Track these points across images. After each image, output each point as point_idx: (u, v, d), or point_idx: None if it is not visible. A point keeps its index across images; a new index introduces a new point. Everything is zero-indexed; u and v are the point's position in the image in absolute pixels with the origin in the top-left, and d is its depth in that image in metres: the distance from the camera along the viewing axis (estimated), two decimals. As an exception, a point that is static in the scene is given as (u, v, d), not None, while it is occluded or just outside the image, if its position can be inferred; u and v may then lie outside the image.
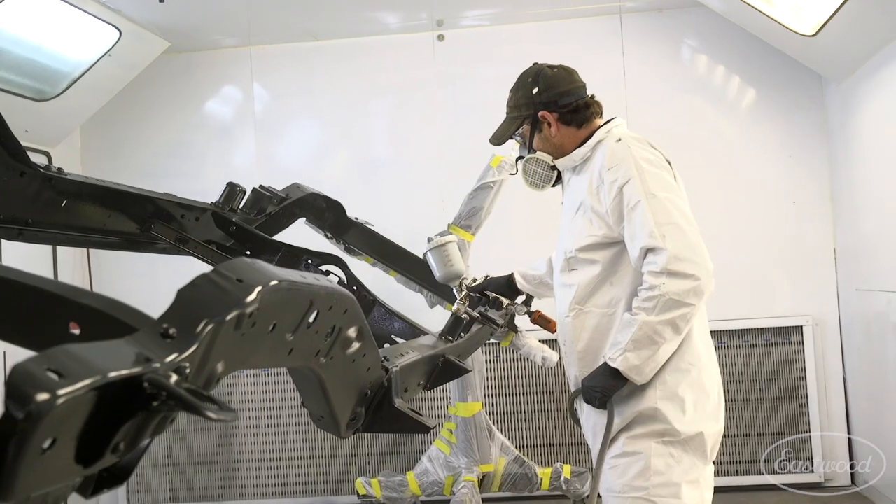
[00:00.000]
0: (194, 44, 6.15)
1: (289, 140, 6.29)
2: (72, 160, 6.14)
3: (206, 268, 3.23)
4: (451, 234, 4.46)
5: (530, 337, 4.00)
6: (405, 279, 4.42)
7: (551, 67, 3.12)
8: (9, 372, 0.72)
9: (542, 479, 4.94)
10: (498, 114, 6.02)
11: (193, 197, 3.34)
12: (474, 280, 3.58)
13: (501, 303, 3.54)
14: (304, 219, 4.00)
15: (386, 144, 6.25)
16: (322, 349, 1.32)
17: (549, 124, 3.06)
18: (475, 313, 3.18)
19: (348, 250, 4.16)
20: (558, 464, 5.04)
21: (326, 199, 3.95)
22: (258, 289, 1.03)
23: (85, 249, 6.06)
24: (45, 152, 5.72)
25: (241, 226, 3.23)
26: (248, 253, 3.16)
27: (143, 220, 2.81)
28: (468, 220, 4.60)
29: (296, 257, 3.17)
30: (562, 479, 4.94)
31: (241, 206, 3.49)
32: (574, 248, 2.95)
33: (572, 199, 3.05)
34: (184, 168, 6.20)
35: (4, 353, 5.20)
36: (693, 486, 2.79)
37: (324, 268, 3.25)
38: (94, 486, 0.92)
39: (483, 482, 4.85)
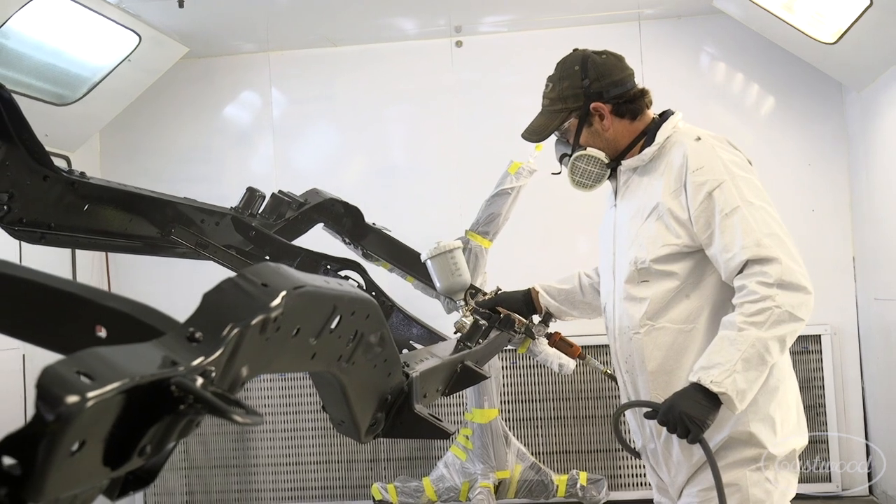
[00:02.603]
0: (213, 49, 6.18)
1: (307, 145, 6.31)
2: (91, 165, 6.17)
3: (224, 273, 3.24)
4: (458, 240, 4.45)
5: (547, 343, 3.99)
6: (422, 285, 4.41)
7: (598, 53, 2.80)
8: (39, 374, 0.72)
9: (558, 486, 4.93)
10: (516, 119, 6.00)
11: (212, 202, 3.35)
12: (483, 293, 3.28)
13: (514, 321, 3.15)
14: (321, 224, 4.01)
15: (403, 150, 6.27)
16: (344, 354, 1.33)
17: (600, 117, 2.76)
18: (482, 322, 2.94)
19: (366, 256, 4.16)
20: (574, 471, 5.04)
21: (345, 204, 3.95)
22: (283, 293, 1.04)
23: (104, 253, 6.09)
24: (65, 157, 5.76)
25: (261, 231, 3.25)
26: (268, 258, 3.18)
27: (164, 225, 2.83)
28: (486, 226, 4.60)
29: (315, 262, 3.17)
30: (578, 486, 4.94)
31: (260, 211, 3.50)
32: (648, 259, 2.63)
33: (638, 202, 2.73)
34: (202, 173, 6.23)
35: (24, 356, 5.23)
36: None
37: (342, 273, 3.26)
38: (120, 489, 0.93)
39: (499, 488, 4.85)
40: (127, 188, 2.65)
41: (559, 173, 2.96)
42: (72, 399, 0.72)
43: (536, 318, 3.25)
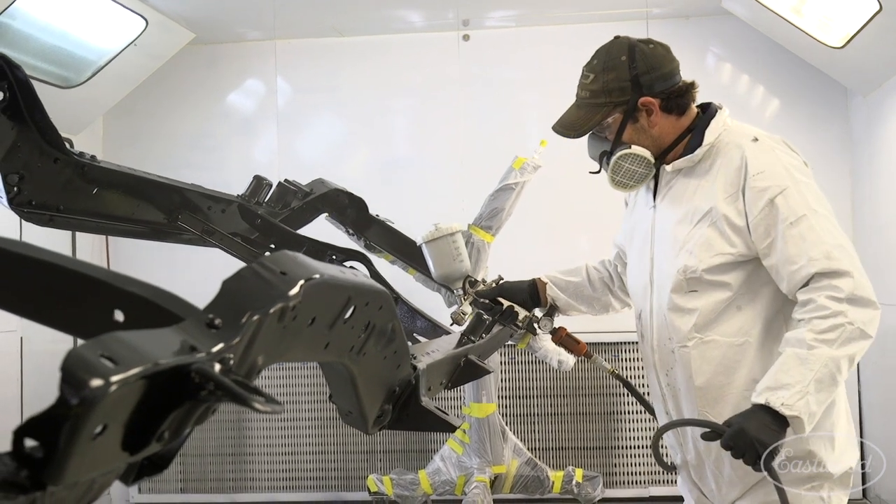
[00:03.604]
0: (219, 36, 6.16)
1: (310, 135, 6.30)
2: (94, 149, 6.13)
3: (226, 260, 3.22)
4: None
5: (547, 339, 3.98)
6: (423, 277, 4.41)
7: (645, 42, 2.57)
8: (64, 357, 0.72)
9: (553, 483, 4.93)
10: (522, 115, 5.98)
11: (214, 189, 3.34)
12: (483, 281, 3.05)
13: (517, 314, 2.92)
14: (324, 214, 4.00)
15: (408, 143, 6.26)
16: (356, 345, 1.32)
17: (648, 112, 2.53)
18: (486, 316, 2.81)
19: (368, 247, 4.16)
20: (570, 467, 5.04)
21: (349, 195, 3.95)
22: (301, 282, 1.03)
23: (104, 240, 6.08)
24: (68, 140, 5.71)
25: (267, 219, 3.24)
26: (273, 246, 3.17)
27: (171, 211, 2.83)
28: (489, 221, 4.59)
29: (320, 252, 3.17)
30: (573, 482, 4.93)
31: (266, 200, 3.49)
32: (700, 268, 2.44)
33: (687, 206, 2.53)
34: (205, 160, 6.21)
35: (22, 338, 5.22)
36: None
37: (347, 264, 3.25)
38: (135, 474, 0.93)
39: (495, 483, 4.85)
40: (136, 173, 2.65)
41: (598, 172, 2.73)
42: (96, 382, 0.72)
43: (538, 312, 3.03)
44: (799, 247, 2.32)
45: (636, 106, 2.53)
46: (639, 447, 5.79)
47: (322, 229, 3.94)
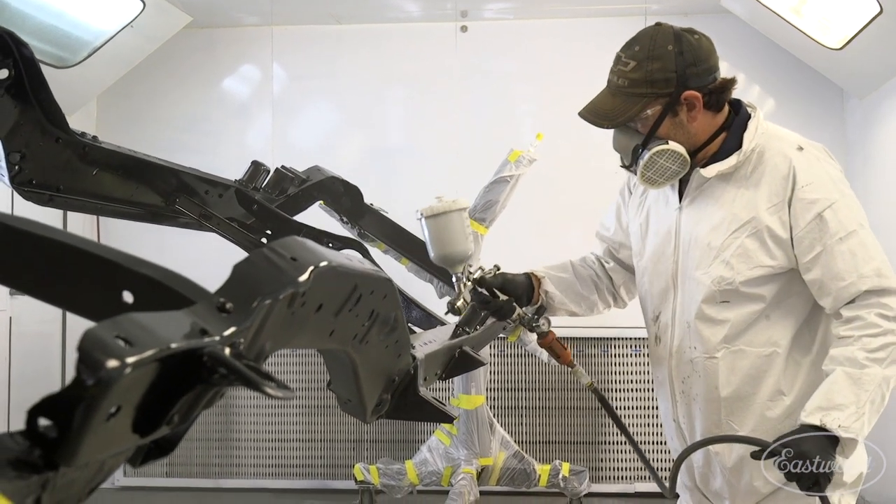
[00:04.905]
0: (216, 20, 6.14)
1: (305, 122, 6.28)
2: (87, 130, 6.07)
3: (214, 245, 3.18)
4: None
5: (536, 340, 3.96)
6: (416, 268, 4.42)
7: (690, 32, 2.38)
8: (80, 337, 0.72)
9: (540, 476, 4.94)
10: (518, 107, 5.95)
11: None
12: (480, 270, 2.69)
13: (513, 310, 2.63)
14: (319, 202, 4.00)
15: (403, 132, 6.26)
16: (359, 333, 1.32)
17: (689, 107, 2.36)
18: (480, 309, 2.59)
19: (362, 236, 4.16)
20: (557, 461, 5.05)
21: (345, 183, 3.95)
22: (311, 269, 1.03)
23: (95, 225, 6.07)
24: (63, 120, 5.72)
25: (264, 205, 3.23)
26: (269, 232, 3.16)
27: (169, 194, 2.81)
28: (483, 213, 4.59)
29: (317, 239, 3.15)
30: (560, 476, 4.94)
31: (263, 186, 3.48)
32: (738, 280, 2.34)
33: (724, 212, 2.40)
34: (199, 144, 6.19)
35: (11, 318, 5.20)
36: None
37: (343, 252, 3.24)
38: (143, 457, 0.93)
39: (481, 475, 4.86)
40: (136, 155, 2.65)
41: (629, 167, 2.51)
42: (112, 363, 0.71)
43: (528, 309, 2.72)
44: (848, 263, 2.24)
45: (678, 100, 2.35)
46: (626, 443, 5.79)
47: (313, 217, 3.93)
